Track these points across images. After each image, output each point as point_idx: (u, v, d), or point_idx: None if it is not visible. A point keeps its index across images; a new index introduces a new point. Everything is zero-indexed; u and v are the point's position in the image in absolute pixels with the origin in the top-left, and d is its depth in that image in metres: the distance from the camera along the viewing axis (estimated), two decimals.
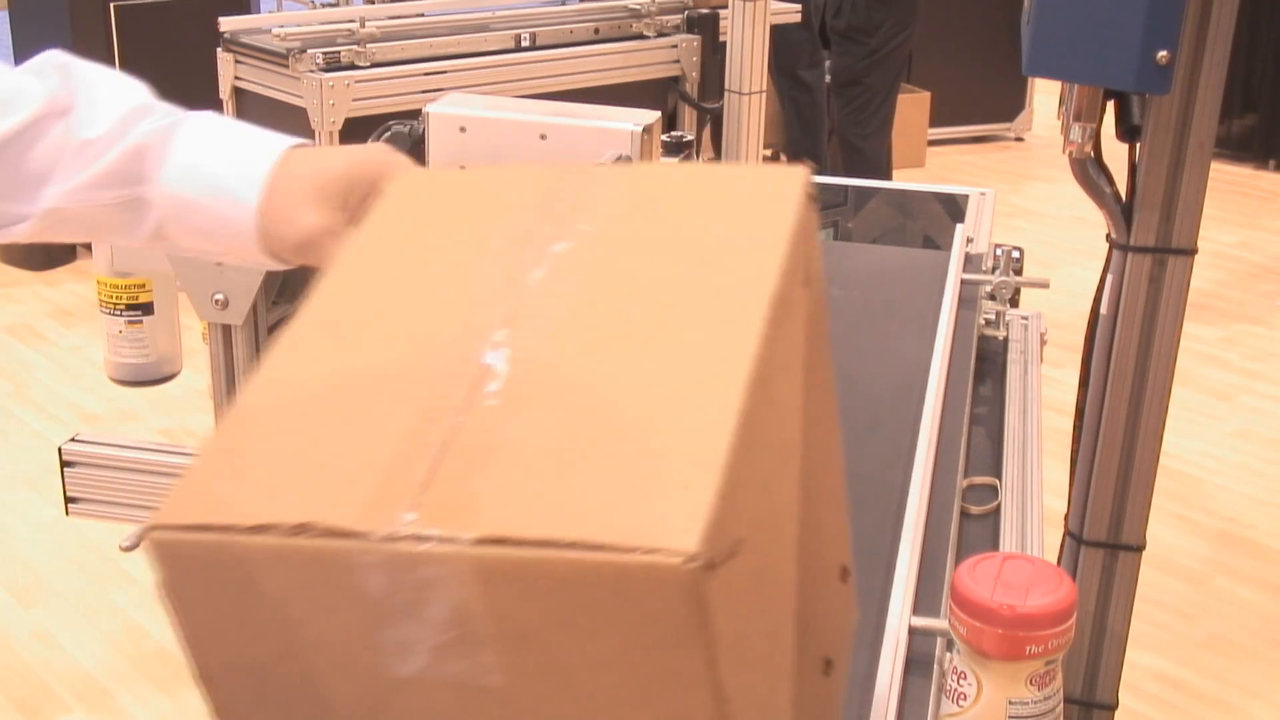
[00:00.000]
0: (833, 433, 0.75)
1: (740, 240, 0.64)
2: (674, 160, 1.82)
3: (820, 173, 4.29)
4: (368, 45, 2.93)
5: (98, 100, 0.87)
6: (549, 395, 0.56)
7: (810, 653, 0.68)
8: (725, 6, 3.09)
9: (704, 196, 0.68)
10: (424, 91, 2.85)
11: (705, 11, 3.29)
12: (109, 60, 3.83)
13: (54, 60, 0.88)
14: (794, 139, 4.66)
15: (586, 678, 0.53)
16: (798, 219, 0.65)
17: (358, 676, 0.56)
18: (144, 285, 2.03)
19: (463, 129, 1.71)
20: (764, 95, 3.03)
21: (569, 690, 0.53)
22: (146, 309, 2.04)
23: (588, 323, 0.60)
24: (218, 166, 0.86)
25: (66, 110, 0.87)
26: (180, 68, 0.94)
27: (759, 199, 0.67)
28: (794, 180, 0.67)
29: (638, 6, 3.28)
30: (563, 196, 0.68)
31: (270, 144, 0.87)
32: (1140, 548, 1.60)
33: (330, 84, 2.86)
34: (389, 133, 1.75)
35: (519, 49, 3.13)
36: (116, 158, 0.86)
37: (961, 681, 0.80)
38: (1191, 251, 1.48)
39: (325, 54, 2.89)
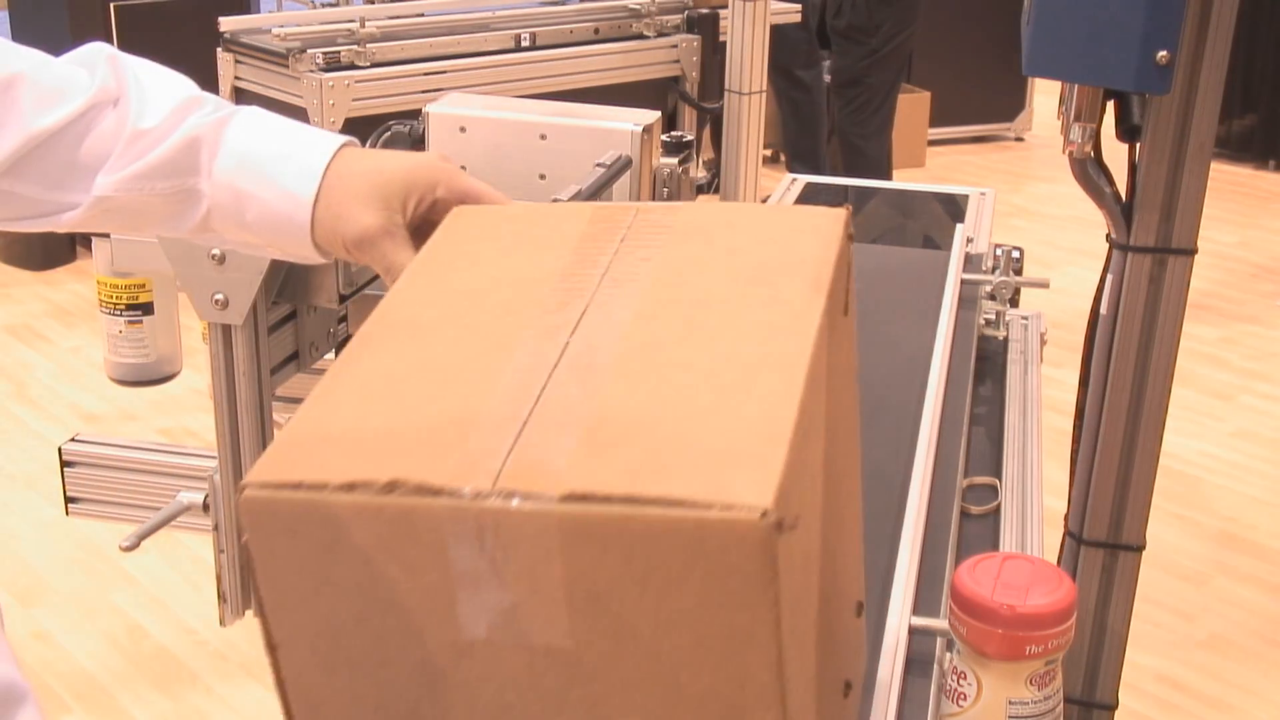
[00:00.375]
0: (853, 465, 0.77)
1: (789, 267, 0.69)
2: (674, 160, 1.82)
3: (820, 172, 4.29)
4: (368, 45, 2.93)
5: (148, 91, 0.87)
6: (625, 377, 0.60)
7: (832, 672, 0.70)
8: (725, 6, 3.09)
9: (753, 230, 0.74)
10: (424, 91, 2.85)
11: (705, 11, 3.29)
12: None
13: (102, 52, 0.88)
14: (790, 139, 4.65)
15: (653, 639, 0.56)
16: (839, 252, 0.70)
17: (428, 640, 0.58)
18: (144, 285, 2.03)
19: (463, 129, 1.72)
20: (764, 95, 3.03)
21: (635, 652, 0.56)
22: (146, 309, 2.04)
23: (657, 321, 0.65)
24: (273, 159, 0.86)
25: (117, 100, 0.87)
26: (180, 68, 0.94)
27: (804, 234, 0.72)
28: (836, 219, 0.73)
29: (638, 6, 3.28)
30: (621, 227, 0.73)
31: (324, 140, 0.87)
32: (1140, 548, 1.60)
33: (330, 84, 2.86)
34: (389, 133, 1.74)
35: (519, 49, 3.13)
36: (171, 148, 0.86)
37: (961, 681, 0.81)
38: (1191, 251, 1.48)
39: (325, 54, 2.89)
